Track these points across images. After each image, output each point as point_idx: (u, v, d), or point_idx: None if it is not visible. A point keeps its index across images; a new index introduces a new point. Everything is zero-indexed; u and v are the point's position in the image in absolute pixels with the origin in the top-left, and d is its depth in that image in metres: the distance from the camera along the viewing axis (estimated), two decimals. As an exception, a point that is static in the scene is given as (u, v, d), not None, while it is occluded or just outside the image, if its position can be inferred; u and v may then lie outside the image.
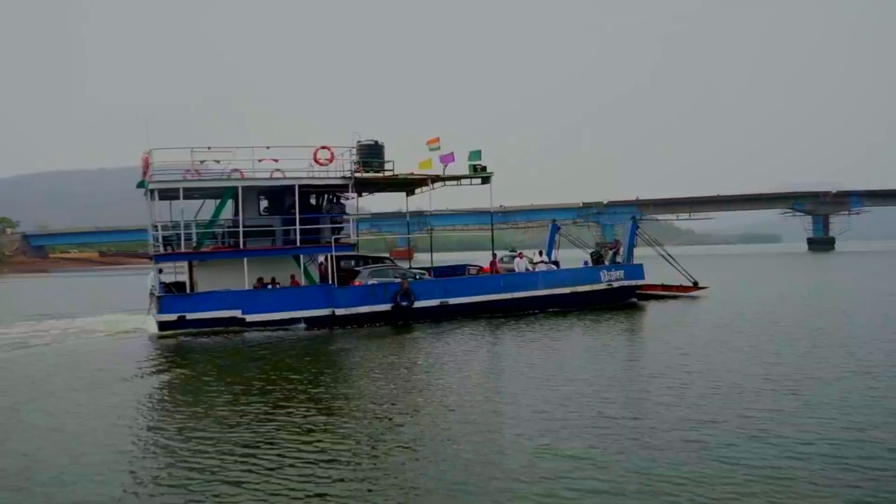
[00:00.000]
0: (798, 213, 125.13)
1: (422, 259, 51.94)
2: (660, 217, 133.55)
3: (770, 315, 24.84)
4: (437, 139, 28.09)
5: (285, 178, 25.49)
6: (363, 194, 31.39)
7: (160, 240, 24.90)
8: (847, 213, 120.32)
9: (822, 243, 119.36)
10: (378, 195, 33.68)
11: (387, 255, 30.50)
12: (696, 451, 9.66)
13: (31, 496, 8.84)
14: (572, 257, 34.39)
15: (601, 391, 13.41)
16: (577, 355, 18.01)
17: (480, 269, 30.14)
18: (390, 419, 11.86)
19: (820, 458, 9.26)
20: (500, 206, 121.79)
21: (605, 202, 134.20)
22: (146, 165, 24.85)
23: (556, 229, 33.43)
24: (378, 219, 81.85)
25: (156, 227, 24.94)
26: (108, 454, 10.40)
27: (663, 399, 12.63)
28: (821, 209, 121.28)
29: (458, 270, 31.22)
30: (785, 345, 18.12)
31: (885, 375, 14.03)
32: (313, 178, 25.81)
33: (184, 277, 27.48)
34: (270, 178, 25.51)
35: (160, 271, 28.14)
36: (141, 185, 27.21)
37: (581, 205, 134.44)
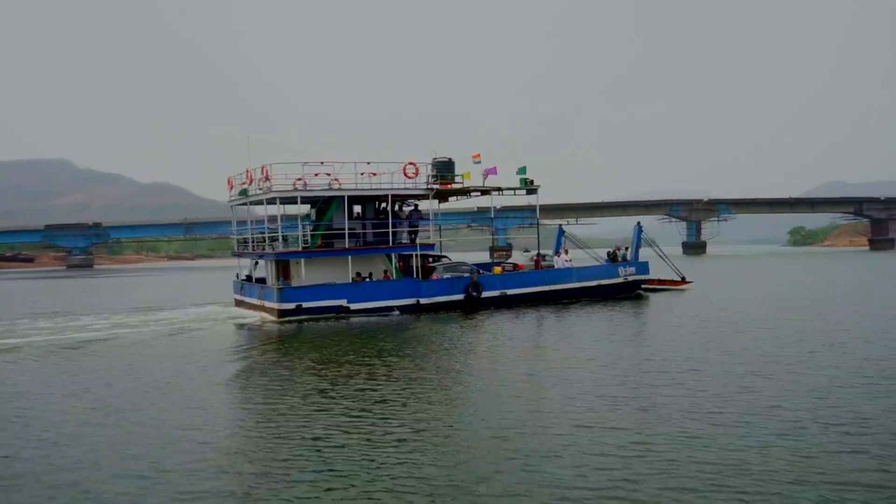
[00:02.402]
0: (674, 219, 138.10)
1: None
2: (547, 222, 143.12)
3: (757, 301, 31.77)
4: (479, 154, 33.20)
5: (381, 187, 29.85)
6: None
7: (279, 240, 28.57)
8: (716, 219, 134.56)
9: (694, 247, 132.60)
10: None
11: (444, 254, 35.13)
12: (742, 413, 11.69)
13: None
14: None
15: (642, 366, 16.19)
16: (615, 337, 21.17)
17: (515, 265, 35.24)
18: (462, 392, 14.05)
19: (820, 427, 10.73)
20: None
21: (497, 207, 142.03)
22: (263, 177, 28.50)
23: (562, 232, 39.07)
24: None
25: (274, 228, 28.67)
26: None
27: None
28: (694, 216, 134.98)
29: (483, 268, 36.06)
30: (777, 324, 24.02)
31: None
32: (402, 188, 30.25)
33: (256, 273, 31.49)
34: (370, 188, 29.72)
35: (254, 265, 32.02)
36: (243, 192, 30.72)
37: (476, 209, 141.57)
